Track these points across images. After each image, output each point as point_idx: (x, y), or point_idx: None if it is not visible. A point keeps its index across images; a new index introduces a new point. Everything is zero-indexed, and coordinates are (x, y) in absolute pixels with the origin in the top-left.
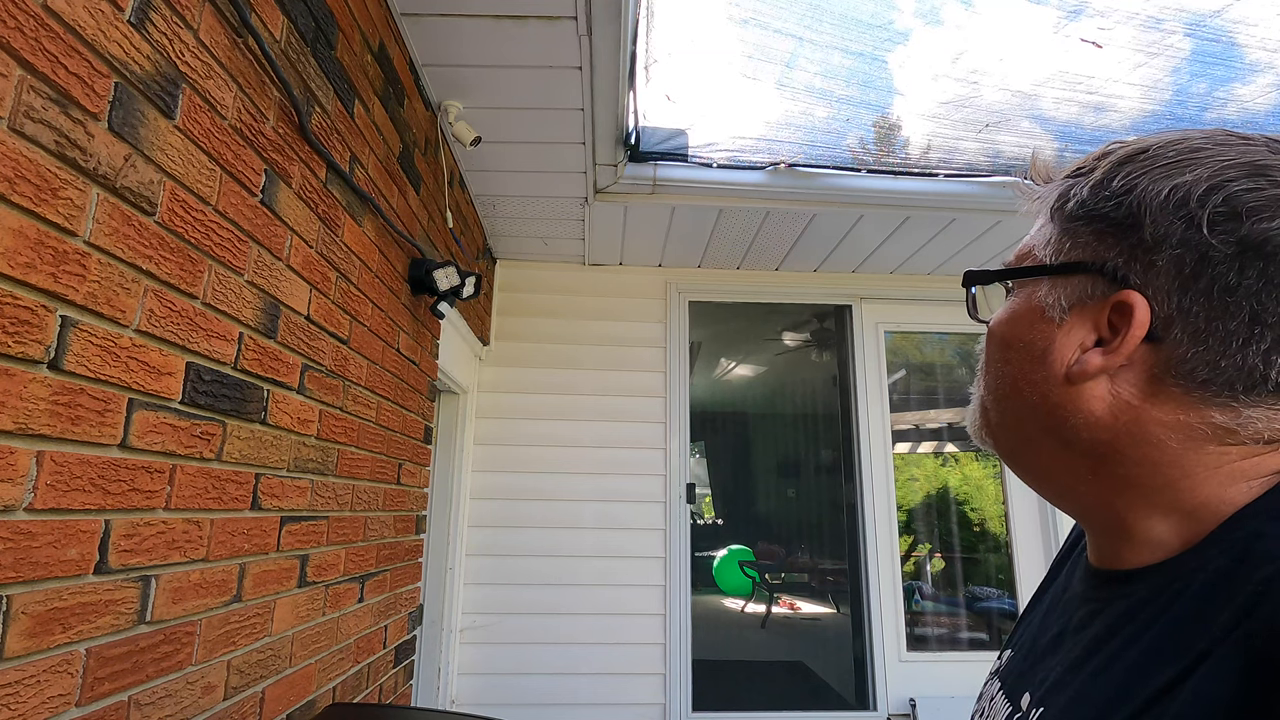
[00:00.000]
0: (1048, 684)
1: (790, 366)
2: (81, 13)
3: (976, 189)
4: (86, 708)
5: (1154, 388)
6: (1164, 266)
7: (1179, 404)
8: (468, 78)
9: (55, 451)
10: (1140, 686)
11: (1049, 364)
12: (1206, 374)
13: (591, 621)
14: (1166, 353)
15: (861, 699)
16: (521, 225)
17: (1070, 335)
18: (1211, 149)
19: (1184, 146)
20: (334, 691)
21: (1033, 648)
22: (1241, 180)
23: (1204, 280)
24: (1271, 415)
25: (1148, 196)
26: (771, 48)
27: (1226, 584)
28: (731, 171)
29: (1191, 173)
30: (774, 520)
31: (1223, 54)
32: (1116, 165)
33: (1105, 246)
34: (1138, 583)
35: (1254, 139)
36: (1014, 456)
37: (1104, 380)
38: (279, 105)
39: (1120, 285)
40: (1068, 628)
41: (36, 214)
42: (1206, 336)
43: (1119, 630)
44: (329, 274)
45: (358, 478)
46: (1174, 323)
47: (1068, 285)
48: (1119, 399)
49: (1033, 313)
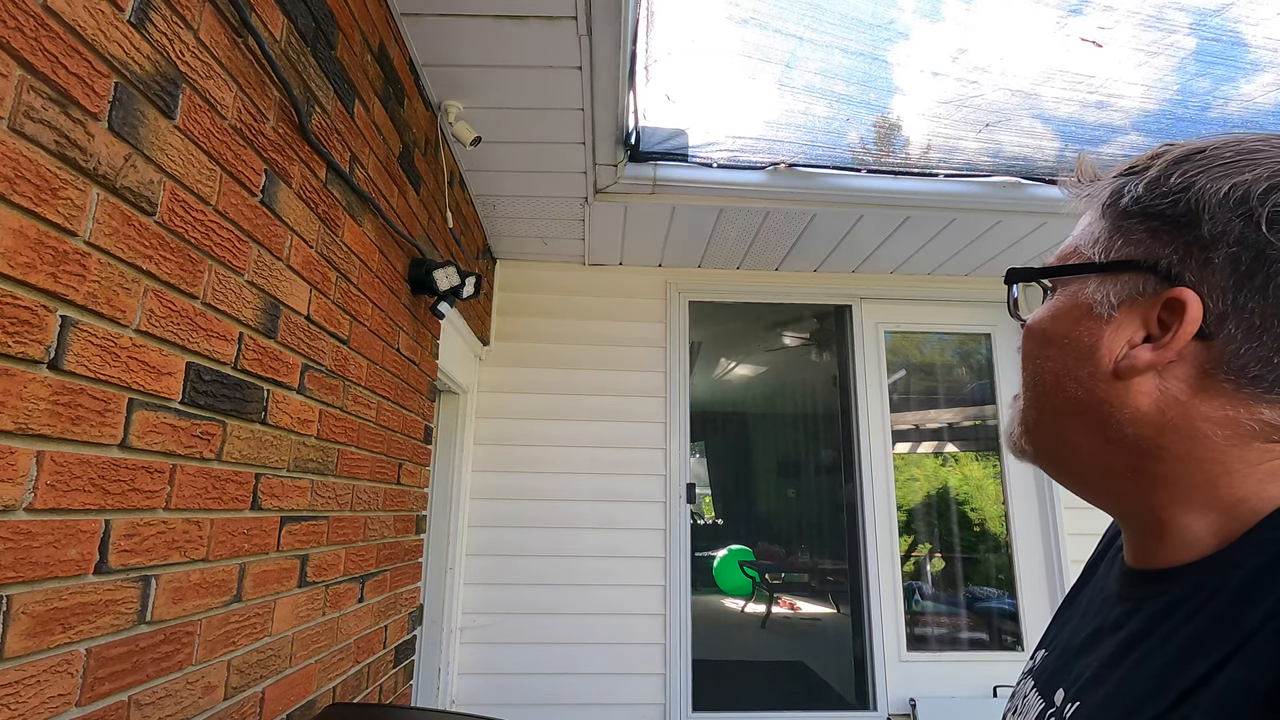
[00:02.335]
0: (1082, 680)
1: (790, 366)
2: (81, 13)
3: (977, 189)
4: (86, 708)
5: (1203, 383)
6: (1220, 264)
7: (1229, 399)
8: (468, 78)
9: (55, 451)
10: (1177, 680)
11: (1096, 360)
12: (1259, 369)
13: (592, 621)
14: (1218, 349)
15: (861, 699)
16: (521, 225)
17: (1119, 331)
18: (1268, 150)
19: (1241, 148)
20: (334, 691)
21: (1066, 647)
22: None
23: (1259, 278)
24: None
25: (1206, 194)
26: (771, 48)
27: (1265, 579)
28: (731, 171)
29: (1251, 172)
30: (774, 520)
31: (1223, 53)
32: (1173, 164)
33: (1159, 244)
34: (1174, 581)
35: None
36: (1053, 459)
37: (1152, 376)
38: (279, 105)
39: (1173, 283)
40: (1103, 626)
41: (36, 214)
42: (1261, 333)
43: (1156, 627)
44: (329, 274)
45: (358, 478)
46: (1227, 319)
47: (1118, 282)
48: (1167, 394)
49: (1079, 309)
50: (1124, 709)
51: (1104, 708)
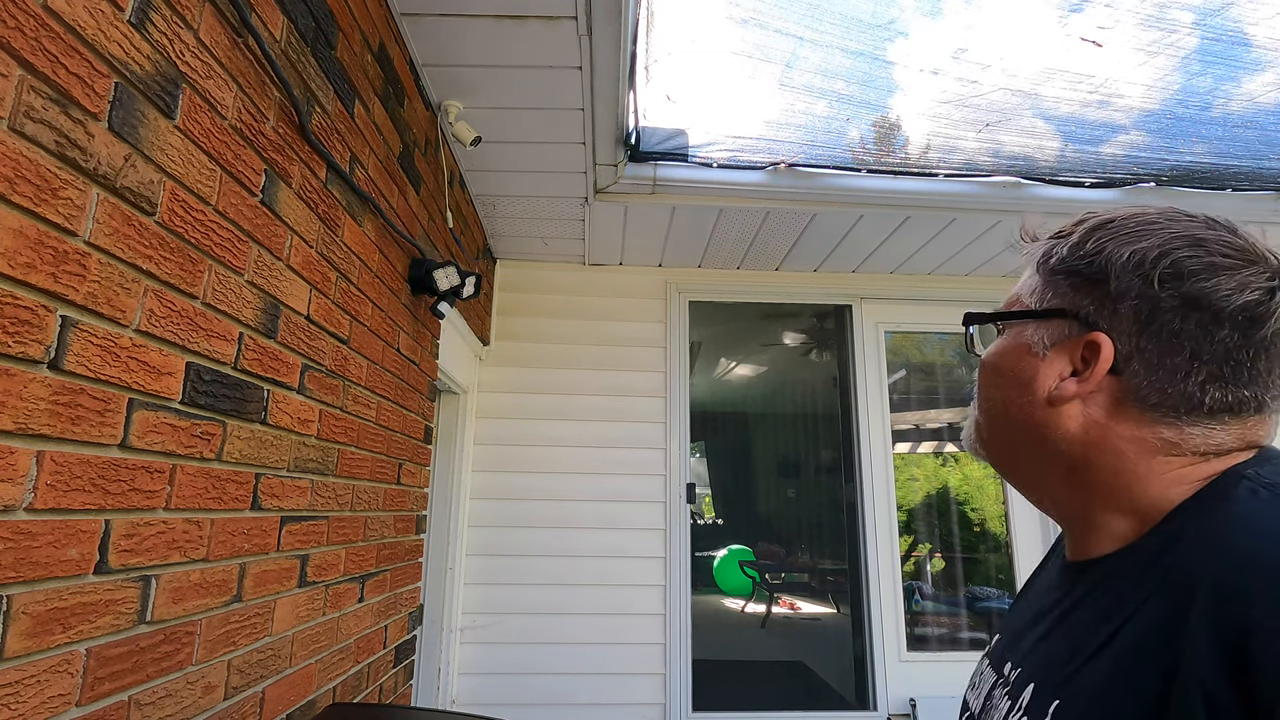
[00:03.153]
0: (1024, 651)
1: (790, 366)
2: (81, 13)
3: (977, 188)
4: (86, 708)
5: (1117, 409)
6: (1125, 313)
7: (1136, 422)
8: (468, 78)
9: (55, 451)
10: (1091, 641)
11: (1034, 390)
12: (1157, 398)
13: (592, 621)
14: (1126, 382)
15: (861, 699)
16: (521, 225)
17: (1051, 367)
18: (1163, 223)
19: (1142, 219)
20: (334, 691)
21: (1014, 630)
22: (1184, 249)
23: (1155, 325)
24: (1205, 433)
25: (1113, 258)
26: (771, 47)
27: (1154, 560)
28: (731, 171)
29: (1147, 241)
30: (774, 520)
31: (1223, 53)
32: (1090, 231)
33: (1080, 296)
34: (1098, 568)
35: (1196, 217)
36: (1006, 467)
37: (1078, 403)
38: (279, 105)
39: (1091, 328)
40: (1043, 610)
41: (36, 214)
42: (1157, 369)
43: (1079, 604)
44: (329, 274)
45: (358, 478)
46: (1133, 358)
47: (1049, 327)
48: (1089, 418)
49: (1020, 348)
50: (1052, 667)
51: (1038, 668)
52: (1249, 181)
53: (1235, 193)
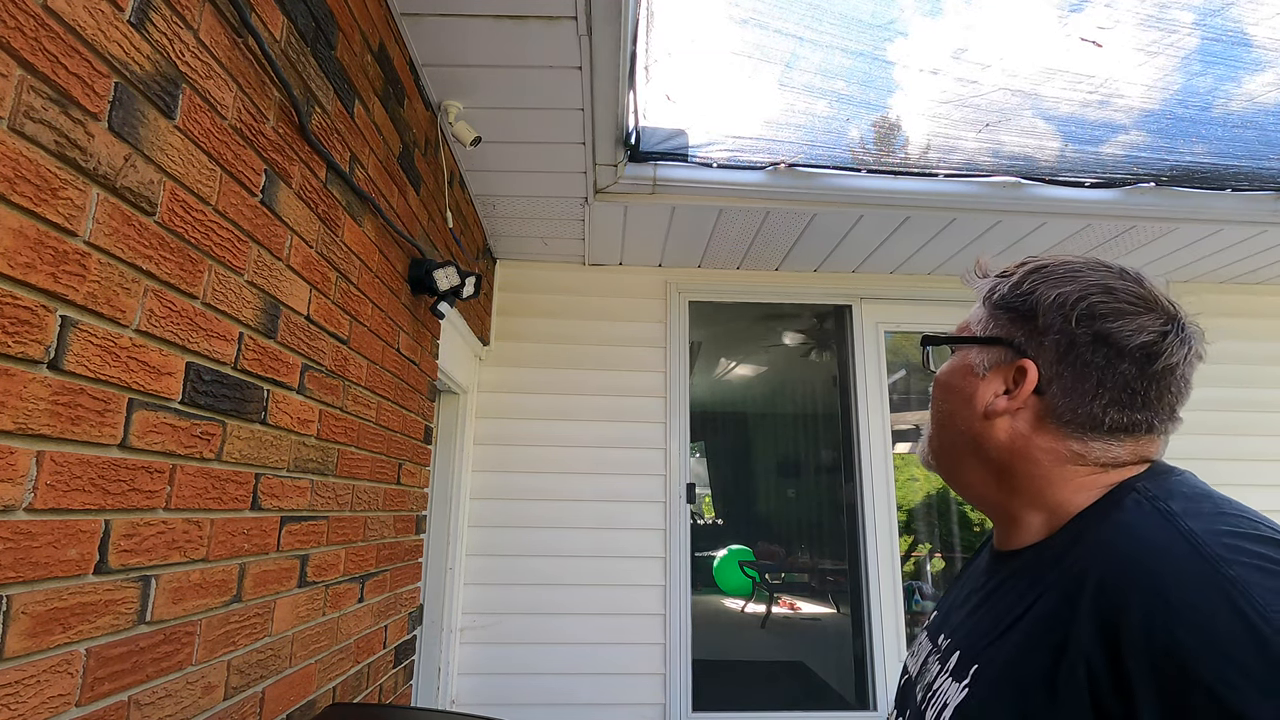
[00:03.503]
0: (954, 625)
1: (790, 366)
2: (81, 13)
3: (976, 188)
4: (86, 708)
5: (1039, 424)
6: (1049, 345)
7: (1053, 435)
8: (468, 78)
9: (55, 451)
10: (1007, 618)
11: (974, 405)
12: (1070, 416)
13: (591, 621)
14: (1048, 402)
15: (861, 699)
16: (521, 225)
17: (989, 386)
18: (1085, 271)
19: (1070, 267)
20: (334, 691)
21: (949, 608)
22: (1098, 294)
23: (1071, 356)
24: (1105, 448)
25: (1042, 299)
26: (771, 48)
27: (1061, 555)
28: (731, 171)
29: (1070, 286)
30: (774, 520)
31: (1223, 53)
32: (1027, 274)
33: (1015, 328)
34: (1018, 558)
35: (1112, 268)
36: (950, 472)
37: (1007, 418)
38: (279, 105)
39: (1022, 355)
40: (974, 590)
41: (36, 214)
42: (1071, 392)
43: (1001, 587)
44: (329, 274)
45: (358, 478)
46: (1053, 382)
47: (990, 352)
48: (1015, 430)
49: (966, 368)
50: (975, 639)
51: (964, 639)
52: (1249, 181)
53: (1235, 193)
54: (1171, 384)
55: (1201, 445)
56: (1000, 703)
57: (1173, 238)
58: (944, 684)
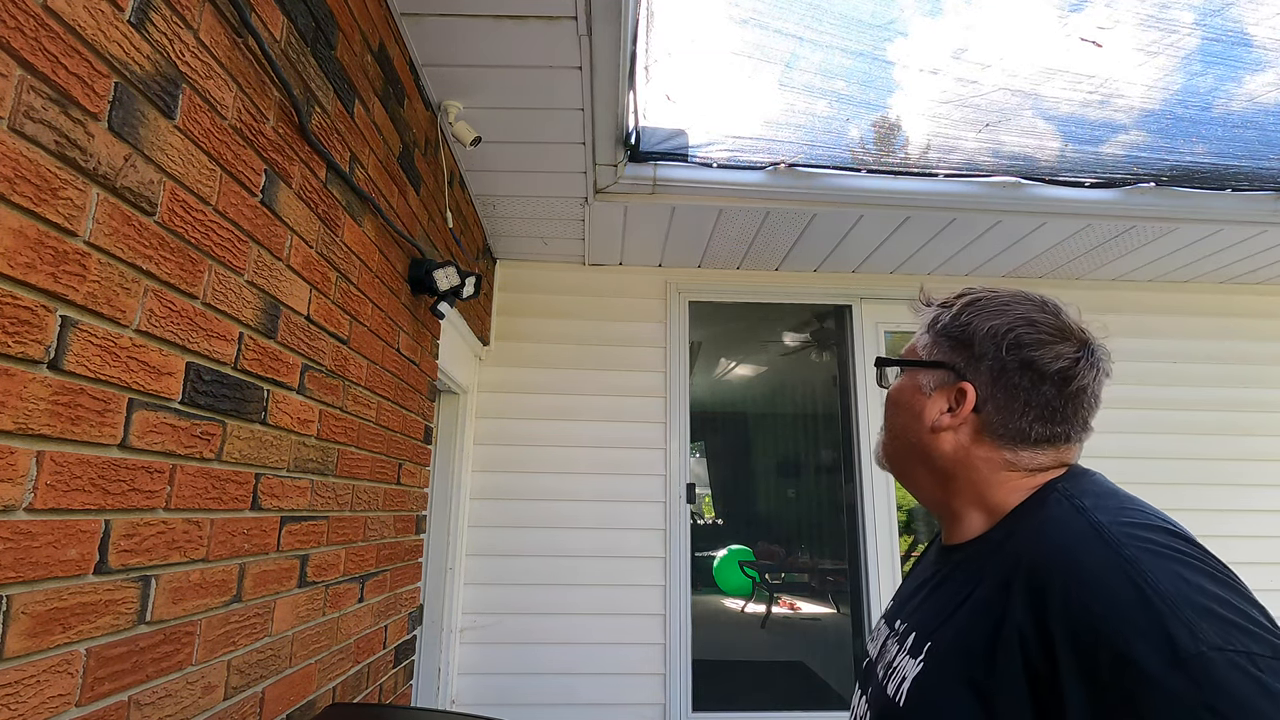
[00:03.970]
0: (909, 611)
1: (790, 366)
2: (81, 13)
3: (976, 188)
4: (86, 708)
5: (977, 437)
6: (984, 370)
7: (990, 447)
8: (468, 78)
9: (55, 451)
10: (951, 605)
11: (922, 420)
12: (1002, 431)
13: (591, 621)
14: (984, 418)
15: None
16: (521, 225)
17: (934, 404)
18: (1013, 305)
19: (1000, 301)
20: (334, 691)
21: (904, 596)
22: (1022, 326)
23: (1003, 380)
24: (1032, 456)
25: (977, 330)
26: (771, 48)
27: (999, 546)
28: (731, 171)
29: (1000, 318)
30: (774, 520)
31: (1223, 53)
32: (964, 306)
33: (956, 354)
34: (962, 551)
35: (1034, 299)
36: (902, 474)
37: (951, 432)
38: (279, 105)
39: (962, 378)
40: (925, 580)
41: (36, 214)
42: (1003, 410)
43: (950, 577)
44: (329, 274)
45: (358, 478)
46: (988, 402)
47: (934, 374)
48: (959, 443)
49: (914, 387)
50: (928, 620)
51: (919, 623)
52: (1249, 181)
53: (1235, 193)
54: (1084, 401)
55: (1203, 445)
56: (950, 671)
57: (1173, 238)
58: (902, 661)
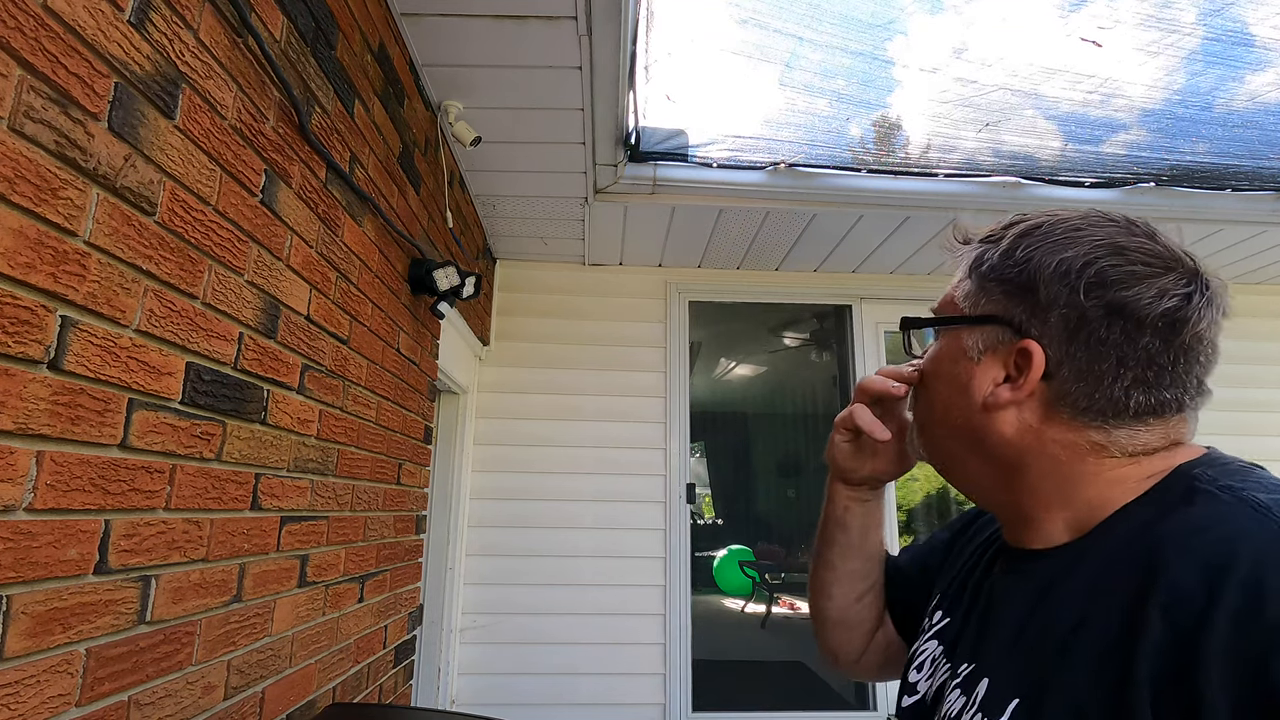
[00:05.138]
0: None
1: (790, 366)
2: (81, 13)
3: (977, 188)
4: (86, 708)
5: (1049, 413)
6: (1055, 322)
7: (1067, 426)
8: (468, 78)
9: (55, 451)
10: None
11: (970, 394)
12: (1085, 403)
13: (591, 621)
14: (1057, 387)
15: (861, 699)
16: (521, 225)
17: (986, 372)
18: (1087, 229)
19: (1068, 225)
20: (334, 691)
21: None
22: (1107, 257)
23: (1083, 333)
24: (1131, 434)
25: (1041, 267)
26: (771, 47)
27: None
28: (731, 171)
29: (1073, 249)
30: (774, 520)
31: (1223, 53)
32: (1019, 237)
33: (1012, 304)
34: (1046, 560)
35: (1117, 220)
36: (947, 467)
37: (1012, 409)
38: (279, 105)
39: (1023, 335)
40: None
41: (36, 214)
42: (1086, 375)
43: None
44: (329, 274)
45: (358, 478)
46: (1063, 364)
47: (983, 333)
48: (1023, 423)
49: (956, 352)
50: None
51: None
52: (1249, 181)
53: (1235, 192)
54: (1200, 353)
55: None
56: None
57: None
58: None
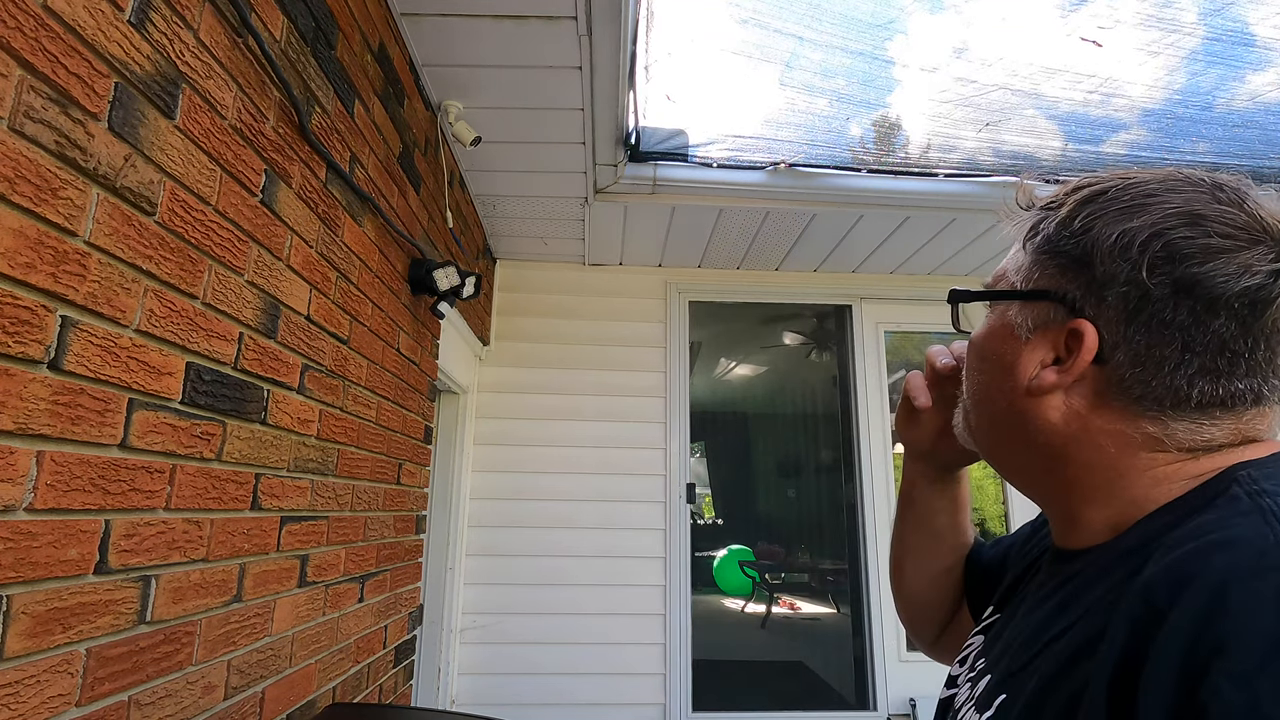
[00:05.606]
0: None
1: (790, 366)
2: (81, 13)
3: (977, 188)
4: (86, 708)
5: (1099, 401)
6: (1113, 301)
7: (1119, 415)
8: (468, 78)
9: (55, 451)
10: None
11: (1015, 376)
12: (1140, 390)
13: (591, 621)
14: (1110, 372)
15: (861, 699)
16: (521, 225)
17: (1034, 352)
18: (1162, 194)
19: (1139, 190)
20: (334, 691)
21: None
22: (1180, 229)
23: (1144, 314)
24: (1193, 428)
25: (1100, 240)
26: (771, 47)
27: (1119, 561)
28: (731, 171)
29: (1139, 218)
30: (774, 520)
31: (1223, 53)
32: (1080, 205)
33: (1066, 279)
34: (1078, 561)
35: (1202, 183)
36: (991, 454)
37: (1059, 393)
38: (279, 105)
39: (1076, 314)
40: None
41: (36, 214)
42: (1144, 360)
43: (1051, 596)
44: (329, 274)
45: (358, 478)
46: (1119, 348)
47: (1034, 309)
48: (1071, 409)
49: (1005, 329)
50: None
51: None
52: None
53: None
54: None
55: None
56: None
57: None
58: (967, 714)
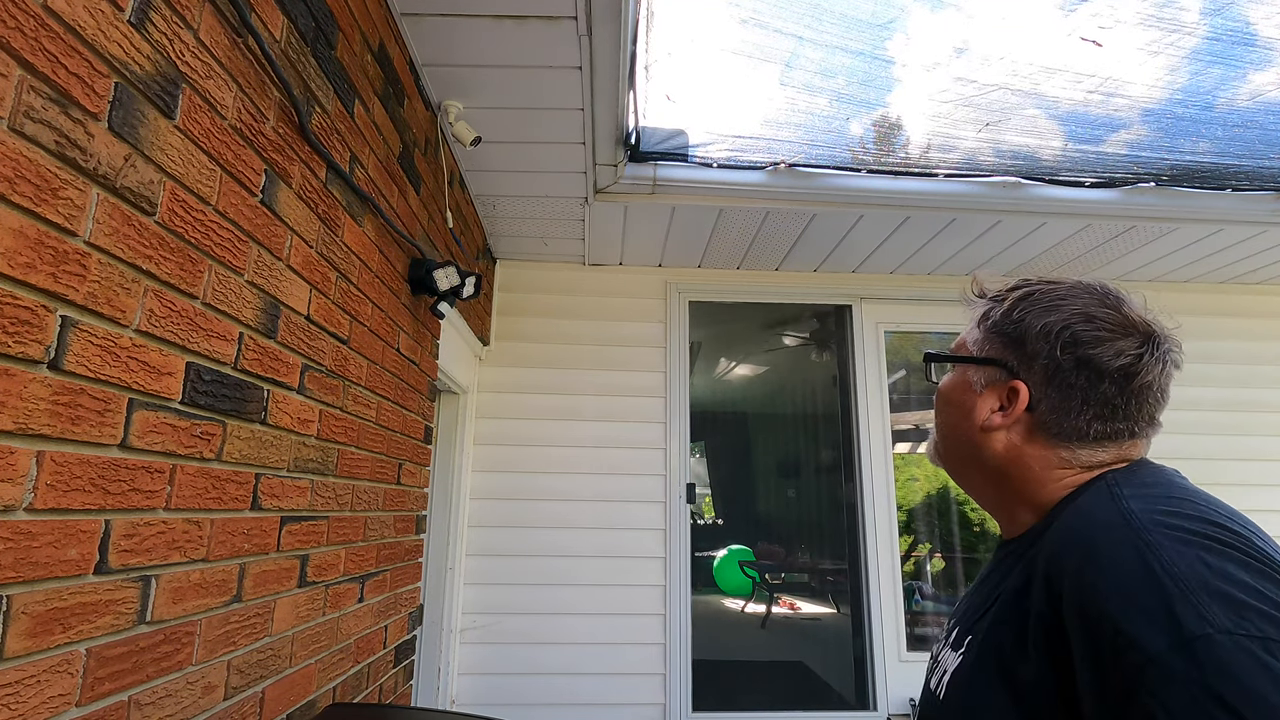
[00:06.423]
0: (959, 608)
1: (790, 366)
2: (81, 13)
3: (976, 188)
4: (86, 708)
5: (1029, 436)
6: (1038, 369)
7: (1044, 445)
8: (468, 78)
9: (55, 451)
10: (994, 592)
11: (972, 419)
12: (1057, 430)
13: (591, 621)
14: (1037, 417)
15: (861, 699)
16: (521, 225)
17: (985, 402)
18: (1069, 299)
19: (1055, 295)
20: (334, 691)
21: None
22: (1080, 323)
23: (1058, 379)
24: (1090, 453)
25: (1030, 327)
26: (771, 47)
27: (1038, 537)
28: (731, 171)
29: (1055, 315)
30: (774, 520)
31: (1224, 52)
32: (1017, 301)
33: (1007, 352)
34: (1014, 544)
35: (1095, 291)
36: (956, 473)
37: (1003, 432)
38: (279, 105)
39: (1014, 376)
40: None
41: (36, 214)
42: (1059, 409)
43: (996, 569)
44: (329, 274)
45: (358, 478)
46: (1042, 401)
47: (986, 371)
48: (1010, 442)
49: (964, 384)
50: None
51: (961, 618)
52: (1249, 181)
53: (1235, 192)
54: (1149, 397)
55: (1202, 445)
56: (985, 663)
57: (1173, 238)
58: (945, 655)
